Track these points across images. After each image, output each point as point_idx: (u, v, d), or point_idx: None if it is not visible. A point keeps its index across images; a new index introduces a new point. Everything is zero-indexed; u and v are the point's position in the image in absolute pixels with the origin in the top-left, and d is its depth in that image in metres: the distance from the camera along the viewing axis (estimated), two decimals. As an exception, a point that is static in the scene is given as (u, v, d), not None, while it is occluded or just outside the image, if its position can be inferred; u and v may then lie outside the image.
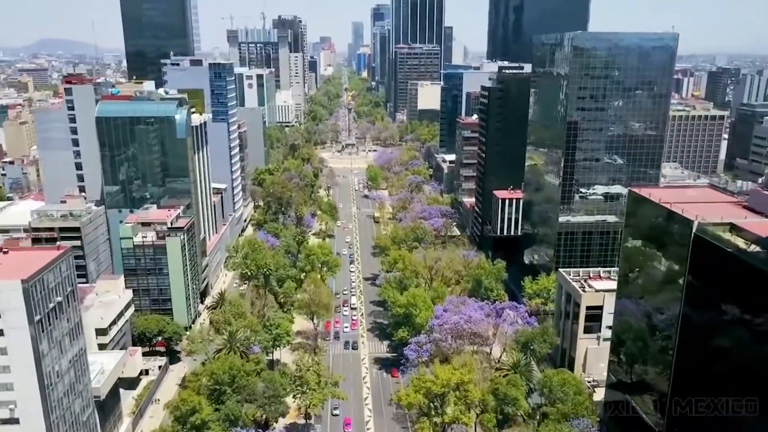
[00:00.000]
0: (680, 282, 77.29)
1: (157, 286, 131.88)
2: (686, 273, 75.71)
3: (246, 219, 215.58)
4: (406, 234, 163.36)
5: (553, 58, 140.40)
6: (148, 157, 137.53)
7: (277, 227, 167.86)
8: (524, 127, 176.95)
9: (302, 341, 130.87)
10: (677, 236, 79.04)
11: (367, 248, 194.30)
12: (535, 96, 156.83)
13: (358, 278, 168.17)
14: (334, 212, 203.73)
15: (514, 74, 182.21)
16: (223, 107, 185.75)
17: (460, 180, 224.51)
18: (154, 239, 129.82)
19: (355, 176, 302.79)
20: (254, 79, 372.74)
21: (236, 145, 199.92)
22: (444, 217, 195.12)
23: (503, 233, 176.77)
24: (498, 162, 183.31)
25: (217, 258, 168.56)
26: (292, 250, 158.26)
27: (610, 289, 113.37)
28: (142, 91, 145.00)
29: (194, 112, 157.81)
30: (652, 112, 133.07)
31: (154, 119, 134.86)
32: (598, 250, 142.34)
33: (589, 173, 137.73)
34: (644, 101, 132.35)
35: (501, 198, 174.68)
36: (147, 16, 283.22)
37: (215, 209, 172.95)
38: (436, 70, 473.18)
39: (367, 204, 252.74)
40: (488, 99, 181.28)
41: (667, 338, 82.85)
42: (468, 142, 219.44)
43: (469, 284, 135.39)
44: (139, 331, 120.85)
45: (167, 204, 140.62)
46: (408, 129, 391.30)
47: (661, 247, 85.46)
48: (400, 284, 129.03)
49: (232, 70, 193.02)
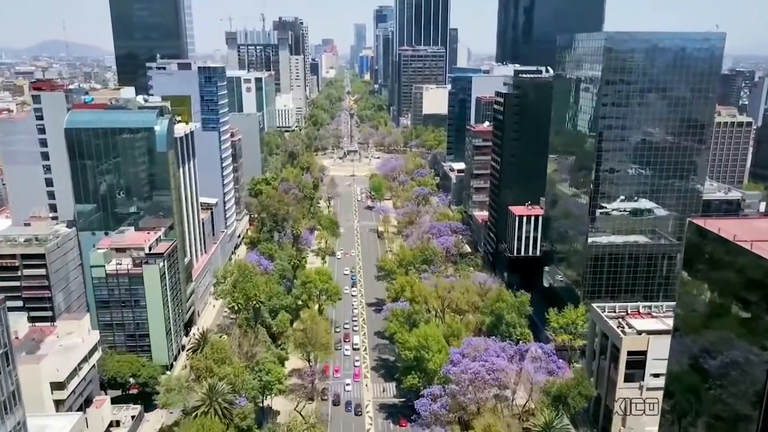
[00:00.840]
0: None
1: (133, 320, 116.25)
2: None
3: (240, 234, 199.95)
4: (413, 255, 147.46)
5: (581, 61, 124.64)
6: (124, 173, 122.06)
7: (271, 248, 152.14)
8: (544, 137, 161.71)
9: (298, 382, 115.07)
10: (761, 281, 63.11)
11: (371, 267, 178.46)
12: (559, 102, 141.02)
13: (360, 304, 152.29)
14: (334, 228, 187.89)
15: (532, 79, 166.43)
16: (213, 115, 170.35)
17: (471, 191, 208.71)
18: (130, 267, 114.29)
19: (357, 185, 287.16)
20: (253, 82, 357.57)
21: (229, 156, 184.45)
22: (454, 233, 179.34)
23: (520, 253, 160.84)
24: (514, 174, 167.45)
25: (205, 281, 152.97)
26: (287, 274, 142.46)
27: (655, 330, 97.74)
28: (118, 99, 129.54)
29: (180, 121, 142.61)
30: (696, 120, 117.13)
31: (130, 131, 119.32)
32: (632, 276, 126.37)
33: (623, 188, 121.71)
34: (686, 108, 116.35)
35: (518, 215, 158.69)
36: (138, 16, 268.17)
37: (204, 227, 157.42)
38: (441, 73, 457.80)
39: (370, 216, 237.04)
40: (504, 106, 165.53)
41: (746, 392, 66.83)
42: (479, 151, 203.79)
43: (486, 317, 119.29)
44: (110, 375, 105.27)
45: (147, 225, 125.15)
46: (412, 134, 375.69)
47: (738, 290, 69.49)
48: (409, 319, 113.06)
49: (223, 74, 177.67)
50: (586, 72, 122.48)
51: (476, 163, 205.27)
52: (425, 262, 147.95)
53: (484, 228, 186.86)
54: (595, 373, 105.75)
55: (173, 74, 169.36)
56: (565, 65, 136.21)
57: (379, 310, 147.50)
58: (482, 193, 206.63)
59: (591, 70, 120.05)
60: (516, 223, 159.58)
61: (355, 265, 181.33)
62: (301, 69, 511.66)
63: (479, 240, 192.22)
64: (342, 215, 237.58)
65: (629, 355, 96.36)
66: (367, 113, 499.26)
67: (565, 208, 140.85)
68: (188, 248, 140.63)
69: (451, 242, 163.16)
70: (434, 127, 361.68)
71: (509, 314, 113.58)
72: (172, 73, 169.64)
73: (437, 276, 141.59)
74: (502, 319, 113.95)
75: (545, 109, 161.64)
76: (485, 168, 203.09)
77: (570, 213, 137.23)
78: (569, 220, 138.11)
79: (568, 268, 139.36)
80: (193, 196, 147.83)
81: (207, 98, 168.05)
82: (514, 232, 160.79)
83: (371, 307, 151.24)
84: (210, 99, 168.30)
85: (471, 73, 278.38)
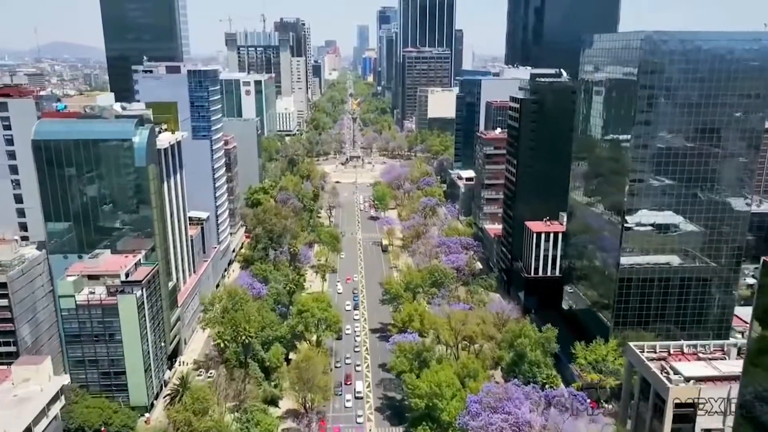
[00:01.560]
0: None
1: (108, 356, 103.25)
2: None
3: (234, 249, 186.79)
4: (422, 278, 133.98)
5: (612, 63, 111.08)
6: (99, 189, 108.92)
7: (265, 268, 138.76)
8: (563, 146, 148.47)
9: (293, 426, 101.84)
10: None
11: (374, 285, 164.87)
12: (584, 107, 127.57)
13: (363, 331, 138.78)
14: (335, 243, 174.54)
15: (550, 83, 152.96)
16: (205, 122, 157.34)
17: (481, 203, 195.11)
18: (103, 297, 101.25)
19: (360, 193, 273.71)
20: (252, 85, 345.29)
21: (222, 165, 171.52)
22: (465, 249, 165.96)
23: (537, 273, 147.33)
24: (531, 187, 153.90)
25: (194, 305, 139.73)
26: (282, 299, 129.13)
27: (706, 377, 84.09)
28: (93, 107, 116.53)
29: (165, 130, 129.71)
30: (744, 130, 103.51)
31: (105, 142, 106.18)
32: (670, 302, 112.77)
33: (659, 202, 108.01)
34: (733, 114, 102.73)
35: (535, 231, 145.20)
36: (129, 16, 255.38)
37: (193, 245, 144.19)
38: (447, 75, 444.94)
39: (373, 227, 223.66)
40: (519, 112, 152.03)
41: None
42: (491, 160, 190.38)
43: (506, 353, 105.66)
44: (77, 425, 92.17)
45: (125, 247, 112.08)
46: (417, 139, 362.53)
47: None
48: (418, 356, 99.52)
49: (216, 77, 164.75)
50: (619, 75, 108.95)
51: (487, 173, 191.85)
52: (435, 284, 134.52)
53: (497, 243, 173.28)
54: (633, 421, 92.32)
55: (161, 78, 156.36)
56: (590, 67, 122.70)
57: (384, 336, 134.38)
58: (494, 204, 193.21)
59: (624, 73, 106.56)
60: (533, 240, 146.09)
61: (358, 283, 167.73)
62: (303, 71, 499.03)
63: (491, 255, 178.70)
64: (344, 226, 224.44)
65: (677, 408, 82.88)
66: (370, 116, 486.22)
67: (590, 225, 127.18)
68: (173, 270, 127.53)
69: (462, 261, 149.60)
70: (440, 132, 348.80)
71: (533, 352, 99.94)
72: (160, 77, 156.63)
73: (449, 301, 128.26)
74: (524, 357, 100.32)
75: (565, 116, 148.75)
76: (497, 178, 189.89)
77: (597, 230, 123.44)
78: (596, 238, 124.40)
79: (593, 291, 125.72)
80: (181, 212, 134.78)
81: (197, 104, 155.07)
82: (532, 250, 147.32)
83: (375, 334, 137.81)
84: (201, 105, 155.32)
85: (480, 75, 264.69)
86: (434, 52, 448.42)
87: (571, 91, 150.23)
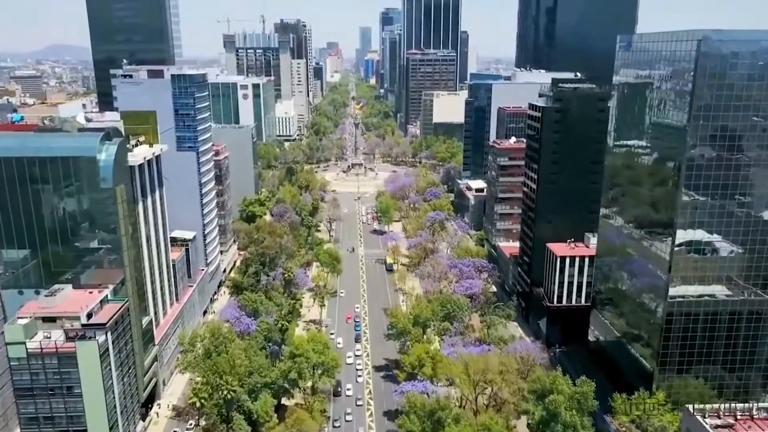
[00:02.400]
0: None
1: (66, 412, 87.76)
2: None
3: (226, 269, 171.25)
4: (432, 311, 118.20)
5: (661, 66, 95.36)
6: (58, 214, 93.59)
7: (255, 299, 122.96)
8: (590, 159, 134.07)
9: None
10: None
11: (378, 312, 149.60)
12: (620, 115, 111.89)
13: (365, 369, 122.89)
14: (336, 264, 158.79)
15: (575, 89, 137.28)
16: (190, 132, 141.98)
17: (495, 218, 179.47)
18: (60, 343, 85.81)
19: (362, 204, 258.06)
20: (250, 88, 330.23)
21: (211, 179, 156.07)
22: (480, 271, 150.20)
23: (561, 302, 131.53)
24: (553, 204, 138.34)
25: (176, 338, 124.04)
26: (273, 336, 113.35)
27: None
28: (53, 119, 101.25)
29: (142, 143, 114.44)
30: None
31: (64, 160, 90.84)
32: (728, 344, 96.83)
33: (718, 224, 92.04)
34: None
35: (559, 255, 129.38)
36: (117, 17, 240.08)
37: (175, 270, 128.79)
38: (452, 78, 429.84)
39: (376, 242, 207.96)
40: (541, 121, 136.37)
41: None
42: (505, 171, 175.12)
43: (534, 407, 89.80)
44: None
45: (90, 281, 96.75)
46: (422, 145, 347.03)
47: None
48: (431, 417, 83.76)
49: (203, 82, 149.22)
50: (668, 79, 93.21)
51: (501, 186, 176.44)
52: (447, 317, 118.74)
53: (514, 265, 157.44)
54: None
55: (141, 84, 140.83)
56: (628, 71, 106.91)
57: (390, 376, 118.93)
58: (508, 220, 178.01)
59: (675, 77, 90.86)
60: (557, 264, 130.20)
61: (361, 309, 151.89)
62: (304, 73, 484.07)
63: (507, 277, 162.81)
64: (345, 241, 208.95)
65: (756, 495, 67.27)
66: (372, 121, 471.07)
67: (626, 248, 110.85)
68: (150, 303, 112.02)
69: (477, 288, 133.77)
70: (446, 138, 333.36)
71: (568, 411, 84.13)
72: (141, 83, 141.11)
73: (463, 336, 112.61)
74: (557, 417, 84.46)
75: (591, 126, 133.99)
76: (512, 191, 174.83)
77: (635, 254, 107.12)
78: (633, 264, 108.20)
79: (629, 325, 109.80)
80: (160, 235, 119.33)
81: (182, 112, 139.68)
82: (554, 276, 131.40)
83: (379, 372, 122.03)
84: (186, 113, 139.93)
85: (490, 79, 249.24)
86: (439, 54, 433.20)
87: (598, 98, 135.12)
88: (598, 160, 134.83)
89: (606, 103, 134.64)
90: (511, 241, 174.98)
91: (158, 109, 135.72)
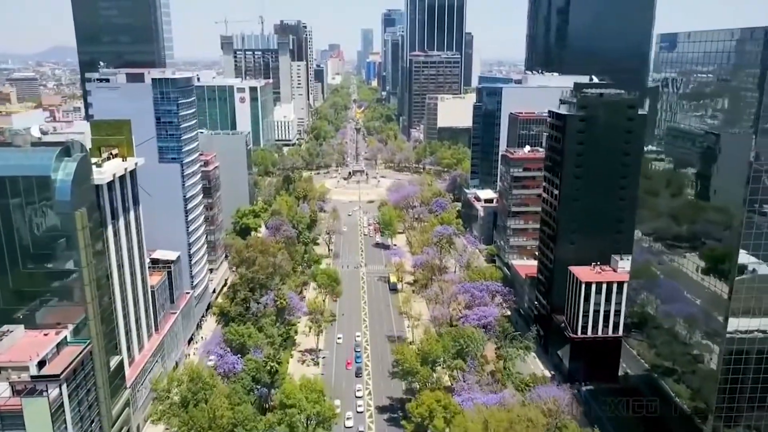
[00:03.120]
0: None
1: (11, 480, 74.03)
2: None
3: (216, 289, 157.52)
4: (444, 347, 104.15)
5: (718, 67, 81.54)
6: (7, 244, 79.79)
7: (242, 333, 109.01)
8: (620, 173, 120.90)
9: None
10: None
11: (381, 340, 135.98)
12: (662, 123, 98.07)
13: (367, 409, 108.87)
14: (335, 286, 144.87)
15: (600, 95, 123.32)
16: (173, 141, 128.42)
17: (507, 233, 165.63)
18: (5, 399, 72.08)
19: (364, 214, 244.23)
20: (247, 92, 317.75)
21: (197, 193, 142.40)
22: (493, 294, 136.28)
23: (586, 333, 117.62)
24: (577, 223, 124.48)
25: (155, 374, 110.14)
26: (262, 378, 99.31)
27: None
28: (2, 131, 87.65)
29: (115, 156, 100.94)
30: None
31: (12, 180, 77.11)
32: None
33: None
34: None
35: (584, 281, 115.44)
36: (104, 16, 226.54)
37: (155, 297, 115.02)
38: (456, 81, 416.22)
39: (379, 256, 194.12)
40: (563, 130, 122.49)
41: None
42: (519, 183, 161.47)
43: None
44: None
45: (46, 321, 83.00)
46: (426, 150, 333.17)
47: None
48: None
49: (189, 87, 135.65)
50: (727, 82, 79.38)
51: (515, 199, 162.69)
52: (460, 353, 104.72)
53: (530, 287, 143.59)
54: None
55: (119, 88, 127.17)
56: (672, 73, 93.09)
57: (394, 419, 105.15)
58: (522, 235, 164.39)
59: (736, 80, 77.05)
60: (581, 291, 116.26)
61: (362, 336, 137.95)
62: (304, 76, 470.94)
63: (521, 300, 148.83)
64: (345, 256, 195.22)
65: None
66: (374, 125, 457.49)
67: (668, 274, 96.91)
68: (122, 340, 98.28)
69: (492, 317, 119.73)
70: (451, 143, 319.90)
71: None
72: (118, 87, 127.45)
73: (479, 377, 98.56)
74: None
75: (621, 136, 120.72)
76: (527, 205, 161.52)
77: (680, 281, 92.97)
78: (677, 292, 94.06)
79: (672, 364, 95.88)
80: (135, 260, 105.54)
81: (164, 120, 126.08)
82: (578, 304, 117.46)
83: (383, 414, 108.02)
84: (168, 121, 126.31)
85: (500, 82, 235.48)
86: (443, 56, 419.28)
87: (627, 105, 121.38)
88: (627, 173, 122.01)
89: (636, 110, 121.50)
90: (525, 258, 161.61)
91: (138, 117, 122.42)
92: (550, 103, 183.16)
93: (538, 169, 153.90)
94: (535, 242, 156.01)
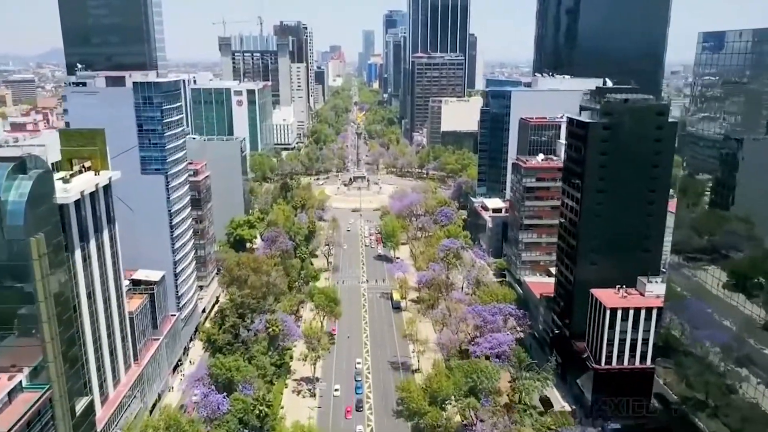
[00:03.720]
0: None
1: None
2: None
3: (206, 308, 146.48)
4: (455, 383, 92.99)
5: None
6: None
7: (230, 365, 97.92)
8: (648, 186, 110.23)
9: None
10: None
11: (384, 366, 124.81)
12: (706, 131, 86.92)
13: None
14: (333, 307, 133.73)
15: (625, 100, 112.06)
16: (157, 151, 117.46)
17: (519, 248, 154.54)
18: (-59, 462, 61.23)
19: (365, 223, 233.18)
20: (245, 94, 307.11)
21: (186, 205, 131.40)
22: (506, 317, 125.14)
23: (610, 363, 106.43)
24: (599, 239, 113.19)
25: (133, 408, 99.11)
26: (250, 421, 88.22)
27: None
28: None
29: (87, 170, 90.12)
30: None
31: (-46, 203, 66.23)
32: None
33: None
34: None
35: (609, 307, 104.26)
36: (93, 16, 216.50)
37: (134, 325, 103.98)
38: (460, 83, 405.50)
39: (381, 270, 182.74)
40: (584, 139, 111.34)
41: None
42: (532, 194, 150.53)
43: None
44: None
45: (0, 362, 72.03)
46: (429, 155, 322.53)
47: None
48: None
49: (176, 91, 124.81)
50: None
51: (528, 210, 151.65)
52: (473, 391, 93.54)
53: (546, 309, 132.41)
54: None
55: (98, 93, 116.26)
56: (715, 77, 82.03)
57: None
58: (535, 250, 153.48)
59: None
60: (605, 317, 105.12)
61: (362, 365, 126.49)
62: (304, 78, 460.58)
63: (535, 320, 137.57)
64: (345, 269, 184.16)
65: None
66: (376, 128, 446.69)
67: (712, 301, 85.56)
68: (93, 377, 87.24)
69: (507, 345, 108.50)
70: (456, 147, 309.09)
71: None
72: (96, 92, 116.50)
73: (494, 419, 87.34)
74: None
75: (649, 146, 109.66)
76: (540, 217, 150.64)
77: (728, 311, 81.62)
78: (726, 323, 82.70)
79: (712, 396, 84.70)
80: (110, 285, 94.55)
81: (147, 127, 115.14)
82: (602, 331, 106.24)
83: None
84: (151, 129, 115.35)
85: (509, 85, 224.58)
86: (446, 58, 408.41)
87: (656, 112, 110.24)
88: (656, 187, 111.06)
89: (665, 117, 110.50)
90: (539, 275, 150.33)
91: (118, 124, 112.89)
92: (562, 107, 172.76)
93: (552, 179, 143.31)
94: (549, 257, 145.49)
